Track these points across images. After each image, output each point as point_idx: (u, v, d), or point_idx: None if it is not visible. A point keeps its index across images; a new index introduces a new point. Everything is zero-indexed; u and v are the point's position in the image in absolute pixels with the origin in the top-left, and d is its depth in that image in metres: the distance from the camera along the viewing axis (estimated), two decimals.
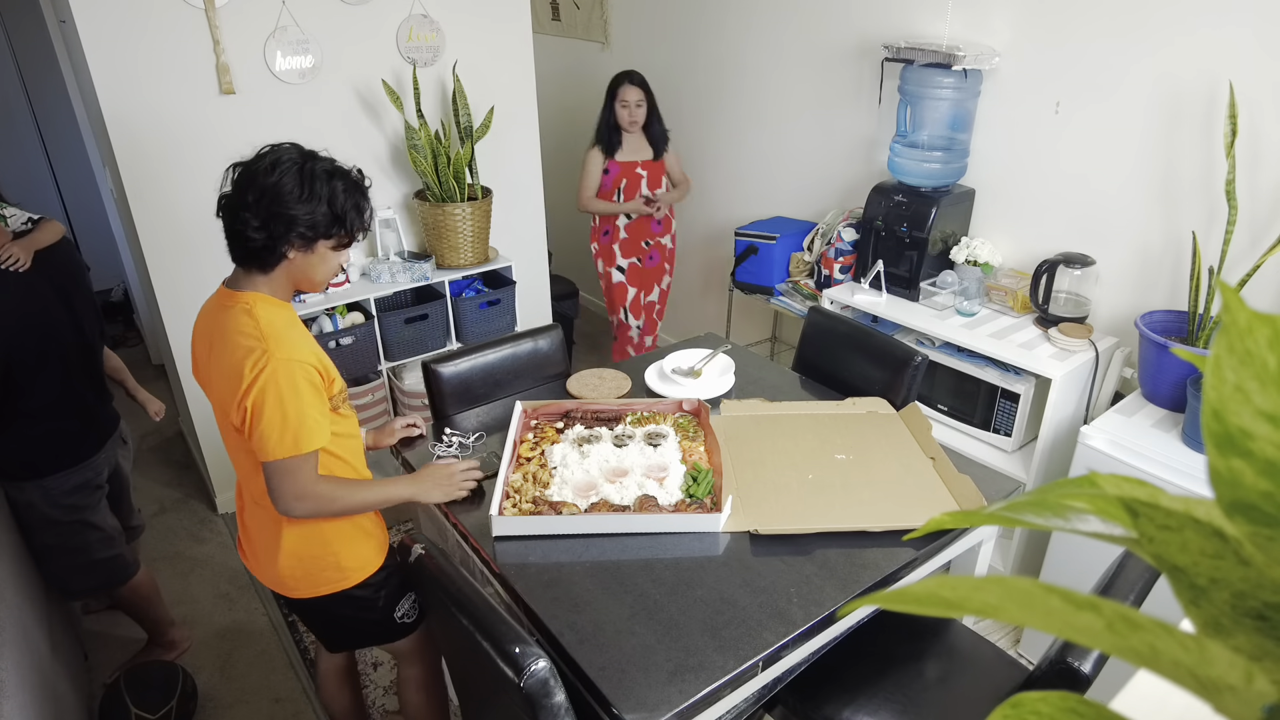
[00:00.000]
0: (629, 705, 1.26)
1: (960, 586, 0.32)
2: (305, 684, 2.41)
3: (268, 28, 2.68)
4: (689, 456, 1.84)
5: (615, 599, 1.47)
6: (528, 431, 1.96)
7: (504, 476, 1.73)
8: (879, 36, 2.84)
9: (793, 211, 3.43)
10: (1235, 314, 0.29)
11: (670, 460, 1.81)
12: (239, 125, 2.72)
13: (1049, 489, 0.35)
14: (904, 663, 1.70)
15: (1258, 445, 0.28)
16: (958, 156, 2.65)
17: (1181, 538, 0.30)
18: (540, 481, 1.75)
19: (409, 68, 2.97)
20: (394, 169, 3.12)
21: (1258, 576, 0.29)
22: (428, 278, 3.02)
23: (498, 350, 2.25)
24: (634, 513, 1.65)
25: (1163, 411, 2.16)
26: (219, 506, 3.15)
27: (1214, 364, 0.29)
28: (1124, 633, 0.29)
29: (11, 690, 1.69)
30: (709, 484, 1.73)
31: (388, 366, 3.01)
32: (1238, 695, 0.29)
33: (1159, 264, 2.32)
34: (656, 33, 3.83)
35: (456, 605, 1.32)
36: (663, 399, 2.07)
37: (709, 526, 1.63)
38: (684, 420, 1.99)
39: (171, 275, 2.75)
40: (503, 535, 1.63)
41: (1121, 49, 2.26)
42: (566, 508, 1.67)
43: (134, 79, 2.51)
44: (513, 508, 1.67)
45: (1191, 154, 2.19)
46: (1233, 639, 0.30)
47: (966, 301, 2.55)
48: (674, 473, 1.77)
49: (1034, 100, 2.49)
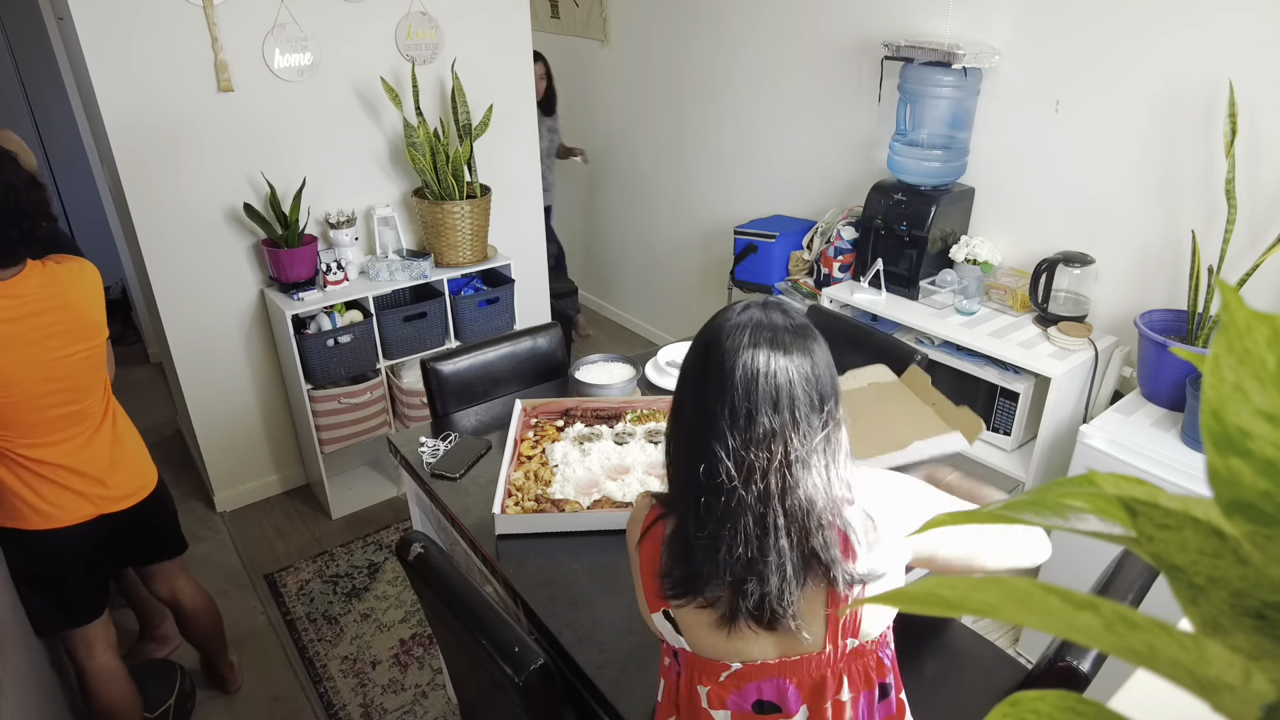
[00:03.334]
0: (628, 704, 1.26)
1: (959, 586, 0.32)
2: (304, 682, 2.41)
3: (266, 25, 2.67)
4: None
5: (614, 598, 1.47)
6: (528, 430, 1.96)
7: (505, 475, 1.73)
8: (879, 35, 2.84)
9: (792, 210, 3.43)
10: (1234, 313, 0.28)
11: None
12: (237, 123, 2.72)
13: (1048, 488, 0.35)
14: (902, 662, 1.70)
15: (1256, 444, 0.28)
16: (957, 155, 2.65)
17: (1180, 537, 0.30)
18: (542, 480, 1.75)
19: (408, 65, 2.97)
20: (393, 167, 3.12)
21: (1256, 576, 0.29)
22: (426, 276, 3.02)
23: (496, 348, 2.25)
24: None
25: (1162, 410, 2.16)
26: (218, 505, 3.15)
27: (1213, 363, 0.29)
28: (1122, 632, 0.29)
29: (11, 690, 1.69)
30: None
31: (386, 365, 3.01)
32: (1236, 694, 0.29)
33: (1158, 263, 2.32)
34: (655, 30, 3.82)
35: (455, 604, 1.32)
36: (662, 396, 2.07)
37: None
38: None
39: (169, 273, 2.75)
40: (505, 533, 1.63)
41: (1121, 47, 2.26)
42: (569, 505, 1.67)
43: (132, 76, 2.50)
44: (515, 506, 1.67)
45: (1191, 153, 2.19)
46: (1231, 638, 0.30)
47: (966, 300, 2.55)
48: None
49: (1034, 99, 2.49)
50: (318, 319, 2.84)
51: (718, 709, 1.05)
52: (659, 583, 1.01)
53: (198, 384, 2.93)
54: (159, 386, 4.04)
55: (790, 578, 0.95)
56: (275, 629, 2.61)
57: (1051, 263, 2.38)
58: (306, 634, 2.57)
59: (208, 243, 2.79)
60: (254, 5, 2.63)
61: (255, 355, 3.03)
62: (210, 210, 2.77)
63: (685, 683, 1.07)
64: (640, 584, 1.07)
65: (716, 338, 0.96)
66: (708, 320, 1.00)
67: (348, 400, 2.92)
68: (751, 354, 0.93)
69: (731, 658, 1.02)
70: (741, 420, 0.92)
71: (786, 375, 0.93)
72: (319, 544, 2.99)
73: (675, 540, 1.00)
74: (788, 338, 0.95)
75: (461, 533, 1.70)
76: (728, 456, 0.93)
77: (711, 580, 0.96)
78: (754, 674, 1.02)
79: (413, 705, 2.32)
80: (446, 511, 1.75)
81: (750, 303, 1.00)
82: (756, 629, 0.99)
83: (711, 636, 1.01)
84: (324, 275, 2.83)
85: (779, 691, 1.03)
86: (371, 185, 3.09)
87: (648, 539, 1.05)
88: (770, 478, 0.93)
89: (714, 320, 0.99)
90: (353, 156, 3.01)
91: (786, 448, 0.93)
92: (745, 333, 0.94)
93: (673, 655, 1.09)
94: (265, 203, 2.75)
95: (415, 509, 2.06)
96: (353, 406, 2.94)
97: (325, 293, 2.84)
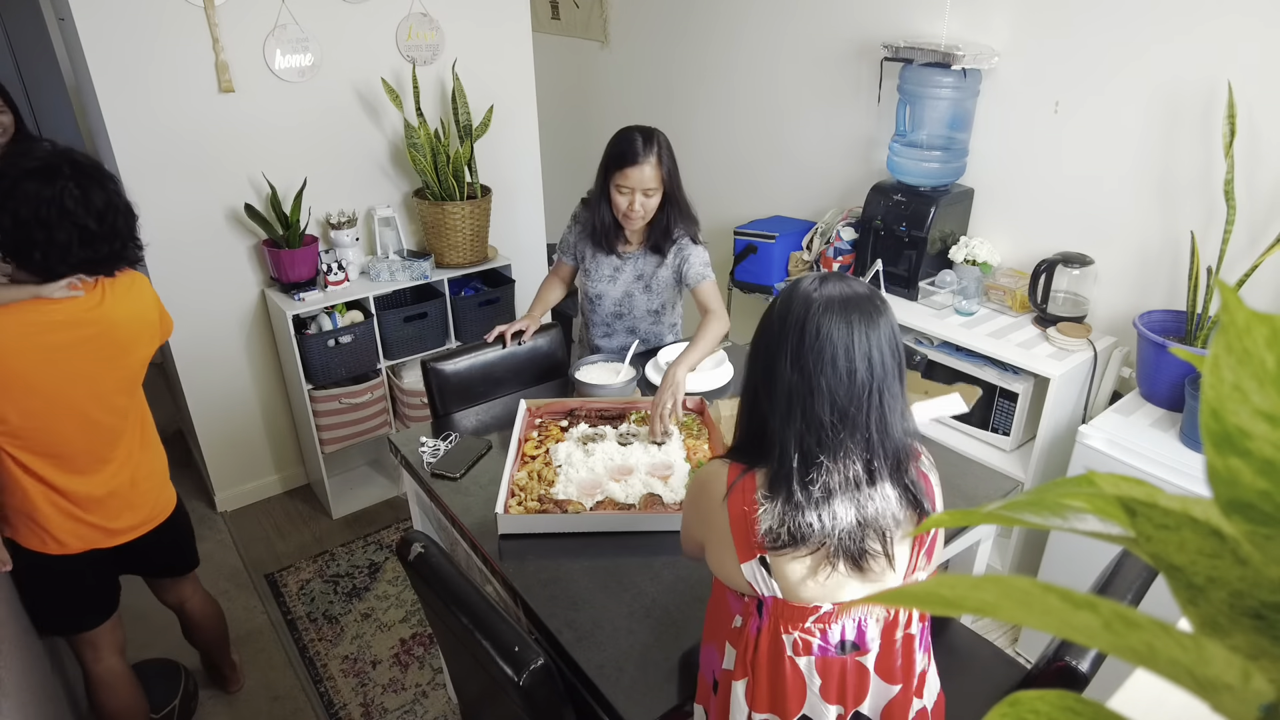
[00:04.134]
0: (627, 704, 1.26)
1: (958, 585, 0.32)
2: (304, 681, 2.41)
3: (267, 26, 2.67)
4: (693, 455, 1.84)
5: (614, 597, 1.47)
6: (531, 430, 1.96)
7: (509, 475, 1.73)
8: (878, 36, 2.84)
9: (792, 211, 3.43)
10: (1233, 313, 0.29)
11: (675, 458, 1.81)
12: (238, 123, 2.72)
13: (1047, 488, 0.35)
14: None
15: (1255, 444, 0.28)
16: (956, 156, 2.65)
17: (1179, 537, 0.30)
18: (545, 480, 1.75)
19: (408, 66, 2.97)
20: (393, 167, 3.12)
21: (1255, 576, 0.29)
22: (427, 276, 3.02)
23: (497, 349, 2.25)
24: (639, 511, 1.65)
25: (1161, 411, 2.16)
26: (218, 505, 3.15)
27: (1212, 363, 0.29)
28: (1122, 632, 0.29)
29: (11, 690, 1.69)
30: None
31: (387, 365, 3.01)
32: (1235, 694, 0.29)
33: (1157, 264, 2.32)
34: (656, 32, 3.82)
35: (455, 604, 1.32)
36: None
37: None
38: (687, 419, 1.99)
39: (171, 273, 2.75)
40: (508, 533, 1.63)
41: (1120, 48, 2.26)
42: (572, 506, 1.67)
43: (133, 77, 2.50)
44: (518, 506, 1.67)
45: (1190, 154, 2.19)
46: (1230, 638, 0.30)
47: (965, 301, 2.55)
48: (678, 471, 1.77)
49: (1033, 100, 2.49)
50: (318, 319, 2.84)
51: (802, 655, 1.12)
52: (753, 535, 1.10)
53: (199, 384, 2.93)
54: (160, 387, 4.04)
55: (894, 513, 1.09)
56: (276, 628, 2.61)
57: (1051, 263, 2.38)
58: (307, 633, 2.57)
59: (209, 243, 2.79)
60: (255, 6, 2.63)
61: (256, 355, 3.03)
62: (211, 211, 2.77)
63: (768, 635, 1.13)
64: (727, 539, 1.13)
65: (806, 309, 1.09)
66: (785, 292, 1.13)
67: (348, 400, 2.92)
68: (844, 322, 1.07)
69: (824, 599, 1.11)
70: (844, 378, 1.07)
71: (877, 337, 1.08)
72: (319, 544, 2.99)
73: (777, 491, 1.09)
74: (870, 306, 1.09)
75: (462, 533, 1.70)
76: (832, 411, 1.07)
77: (821, 527, 1.07)
78: (841, 613, 1.11)
79: (413, 705, 2.32)
80: (447, 511, 1.75)
81: (824, 276, 1.13)
82: (850, 568, 1.09)
83: (806, 580, 1.10)
84: (325, 276, 2.83)
85: (860, 629, 1.12)
86: (372, 186, 3.09)
87: (734, 494, 1.12)
88: (871, 426, 1.08)
89: (797, 293, 1.11)
90: (353, 157, 3.01)
91: (881, 398, 1.08)
92: (834, 305, 1.08)
93: (755, 609, 1.14)
94: (266, 203, 2.75)
95: (416, 509, 2.07)
96: (353, 406, 2.94)
97: (326, 293, 2.84)
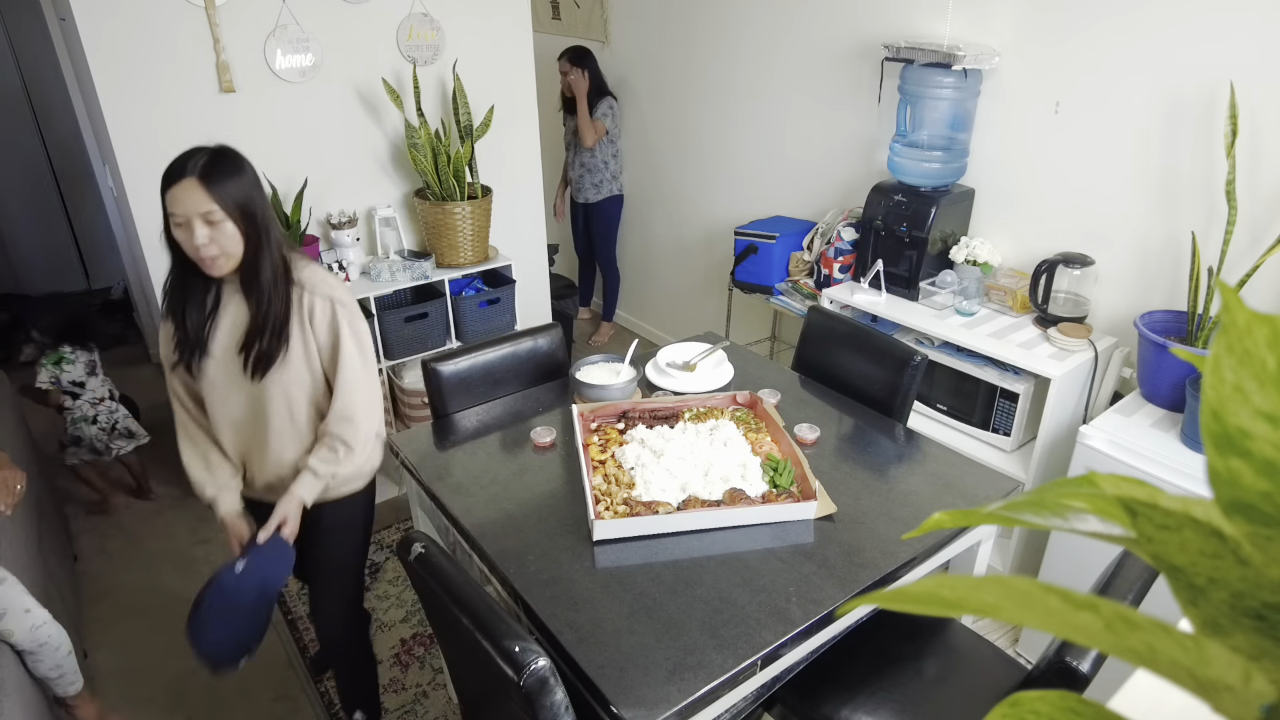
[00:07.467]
0: (628, 704, 1.26)
1: (959, 586, 0.32)
2: (304, 681, 2.41)
3: (268, 26, 2.67)
4: (759, 448, 1.86)
5: (614, 597, 1.47)
6: (590, 434, 1.96)
7: (587, 481, 1.72)
8: (879, 36, 2.84)
9: (792, 211, 3.43)
10: (1234, 314, 0.29)
11: (744, 452, 1.83)
12: (239, 123, 2.72)
13: (1048, 488, 0.35)
14: (903, 662, 1.71)
15: (1256, 445, 0.28)
16: (957, 156, 2.65)
17: (1180, 537, 0.30)
18: (623, 483, 1.76)
19: (409, 66, 2.97)
20: (394, 167, 3.12)
21: (1256, 576, 0.29)
22: (427, 276, 3.02)
23: (497, 349, 2.25)
24: (726, 506, 1.66)
25: (1161, 411, 2.16)
26: None
27: (1213, 364, 0.29)
28: (1122, 632, 0.29)
29: (12, 690, 1.69)
30: (789, 473, 1.76)
31: (387, 365, 3.01)
32: (1236, 695, 0.29)
33: (1158, 264, 2.32)
34: (656, 31, 3.83)
35: (456, 603, 1.32)
36: (715, 393, 2.10)
37: (803, 515, 1.66)
38: (741, 413, 2.01)
39: None
40: (603, 539, 1.63)
41: (1122, 48, 2.26)
42: (661, 506, 1.67)
43: (134, 77, 2.51)
44: (606, 510, 1.67)
45: (1191, 154, 2.19)
46: (1231, 639, 0.30)
47: (966, 301, 2.55)
48: (750, 465, 1.79)
49: (1034, 100, 2.49)
50: None
51: None
52: None
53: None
54: (160, 387, 4.04)
55: None
56: (276, 628, 2.61)
57: (1051, 264, 2.38)
58: (308, 633, 2.57)
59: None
60: (256, 6, 2.63)
61: None
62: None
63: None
64: None
65: None
66: None
67: None
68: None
69: None
70: None
71: None
72: None
73: None
74: None
75: (462, 533, 1.70)
76: None
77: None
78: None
79: (413, 705, 2.32)
80: (448, 512, 1.75)
81: None
82: None
83: None
84: None
85: None
86: (373, 186, 3.09)
87: None
88: None
89: None
90: (354, 157, 3.01)
91: None
92: None
93: None
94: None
95: (416, 509, 2.07)
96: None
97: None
